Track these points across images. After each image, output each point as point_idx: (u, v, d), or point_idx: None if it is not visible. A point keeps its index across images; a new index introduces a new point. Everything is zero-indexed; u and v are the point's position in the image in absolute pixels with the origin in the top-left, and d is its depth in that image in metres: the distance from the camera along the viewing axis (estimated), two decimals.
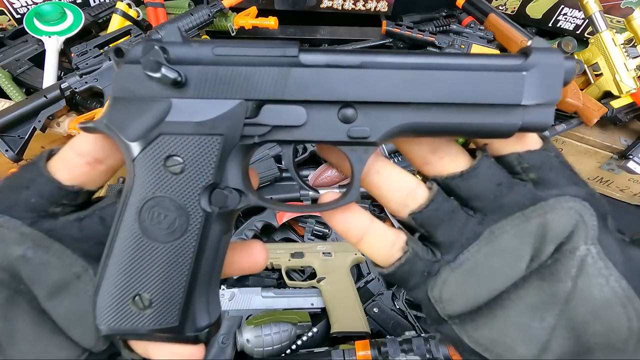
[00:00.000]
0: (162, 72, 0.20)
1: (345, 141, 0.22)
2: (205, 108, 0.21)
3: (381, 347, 0.58)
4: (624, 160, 0.93)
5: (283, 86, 0.21)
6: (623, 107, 0.93)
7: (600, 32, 0.90)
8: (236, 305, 0.68)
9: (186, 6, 0.97)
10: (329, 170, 0.83)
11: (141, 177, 0.21)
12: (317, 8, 1.07)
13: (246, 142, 0.22)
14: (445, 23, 1.04)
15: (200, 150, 0.21)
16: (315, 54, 0.21)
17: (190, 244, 0.22)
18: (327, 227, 0.80)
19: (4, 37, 0.87)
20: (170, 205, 0.22)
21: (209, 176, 0.22)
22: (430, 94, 0.21)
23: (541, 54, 0.21)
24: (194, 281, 0.22)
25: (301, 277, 0.76)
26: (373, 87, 0.21)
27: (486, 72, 0.21)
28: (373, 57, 0.21)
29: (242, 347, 0.63)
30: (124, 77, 0.21)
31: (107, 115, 0.22)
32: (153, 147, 0.21)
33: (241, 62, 0.21)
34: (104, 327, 0.23)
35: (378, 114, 0.21)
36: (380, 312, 0.70)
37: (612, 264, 0.20)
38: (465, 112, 0.21)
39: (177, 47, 0.21)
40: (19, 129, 0.72)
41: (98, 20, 0.92)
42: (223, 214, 0.22)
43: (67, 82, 0.75)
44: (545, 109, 0.21)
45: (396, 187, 0.23)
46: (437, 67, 0.21)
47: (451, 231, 0.22)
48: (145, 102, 0.21)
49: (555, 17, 1.07)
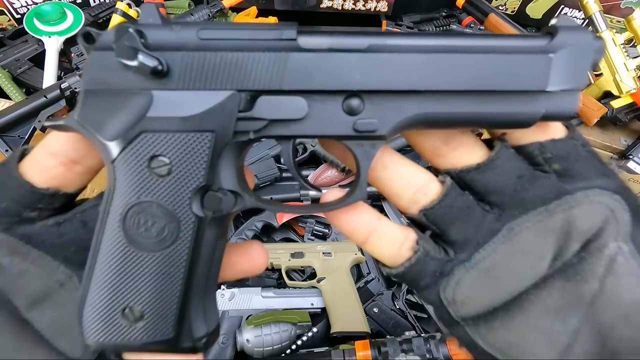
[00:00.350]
0: (139, 60, 0.17)
1: (351, 135, 0.19)
2: (191, 101, 0.18)
3: (381, 347, 0.58)
4: (624, 160, 0.93)
5: (281, 74, 0.18)
6: (623, 107, 0.93)
7: (600, 32, 0.90)
8: (236, 305, 0.68)
9: (186, 6, 0.97)
10: (329, 170, 0.83)
11: (123, 181, 0.19)
12: (317, 8, 1.07)
13: (240, 139, 0.19)
14: (445, 23, 1.04)
15: (189, 150, 0.19)
16: (317, 37, 0.19)
17: (183, 252, 0.20)
18: (327, 227, 0.80)
19: (4, 37, 0.87)
20: (158, 211, 0.19)
21: (200, 178, 0.19)
22: (446, 81, 0.18)
23: (569, 33, 0.19)
24: (188, 290, 0.21)
25: (301, 277, 0.76)
26: (382, 73, 0.18)
27: (509, 55, 0.18)
28: (382, 39, 0.18)
29: (242, 347, 0.63)
30: (96, 66, 0.19)
31: (79, 111, 0.19)
32: (134, 147, 0.19)
33: (232, 46, 0.18)
34: (92, 342, 0.21)
35: (388, 105, 0.19)
36: (380, 312, 0.70)
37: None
38: (485, 100, 0.19)
39: (156, 30, 0.18)
40: (19, 129, 0.72)
41: (98, 20, 0.92)
42: (217, 218, 0.20)
43: (67, 82, 0.75)
44: (571, 95, 0.19)
45: (405, 182, 0.21)
46: (454, 49, 0.18)
47: (466, 228, 0.20)
48: (122, 95, 0.18)
49: (555, 17, 1.07)
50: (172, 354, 0.22)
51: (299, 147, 0.84)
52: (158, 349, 0.21)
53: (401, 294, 0.72)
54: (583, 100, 0.86)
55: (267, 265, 0.24)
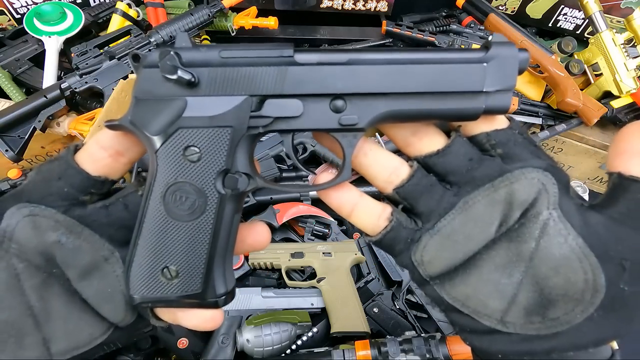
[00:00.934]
0: (178, 75, 0.23)
1: (337, 128, 0.25)
2: (216, 104, 0.24)
3: (381, 347, 0.58)
4: None
5: (282, 83, 0.24)
6: (623, 107, 0.93)
7: (600, 32, 0.90)
8: (236, 305, 0.68)
9: (186, 6, 0.97)
10: (329, 169, 0.84)
11: (164, 166, 0.25)
12: (317, 8, 1.07)
13: (252, 132, 0.25)
14: (445, 23, 1.04)
15: (214, 141, 0.24)
16: (308, 54, 0.24)
17: (209, 222, 0.25)
18: (327, 227, 0.80)
19: (4, 37, 0.87)
20: (190, 189, 0.25)
21: (222, 163, 0.25)
22: (407, 85, 0.24)
23: (499, 47, 0.24)
24: (212, 254, 0.26)
25: (301, 277, 0.76)
26: (359, 80, 0.24)
27: (454, 65, 0.24)
28: (358, 55, 0.24)
29: (242, 347, 0.63)
30: (144, 79, 0.24)
31: (131, 113, 0.25)
32: (173, 140, 0.24)
33: (245, 62, 0.24)
34: (137, 297, 0.26)
35: (364, 104, 0.24)
36: (380, 312, 0.70)
37: (570, 225, 0.22)
38: (438, 99, 0.24)
39: (188, 51, 0.24)
40: (19, 129, 0.72)
41: (98, 20, 0.92)
42: (235, 195, 0.26)
43: (67, 82, 0.75)
44: (504, 94, 0.24)
45: (382, 166, 0.26)
46: (413, 61, 0.24)
47: (430, 202, 0.25)
48: (164, 101, 0.24)
49: (555, 17, 1.07)
50: (199, 308, 0.26)
51: (299, 147, 0.84)
52: (188, 303, 0.26)
53: (401, 294, 0.72)
54: (583, 100, 0.86)
55: (269, 242, 0.29)
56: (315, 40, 1.09)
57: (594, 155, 0.98)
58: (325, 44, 1.07)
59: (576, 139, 0.96)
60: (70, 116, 0.78)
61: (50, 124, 0.76)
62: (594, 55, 0.93)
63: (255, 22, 0.95)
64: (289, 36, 1.07)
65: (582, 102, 0.85)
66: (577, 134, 0.95)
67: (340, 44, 1.05)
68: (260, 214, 0.78)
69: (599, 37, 0.91)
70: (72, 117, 0.77)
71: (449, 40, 0.96)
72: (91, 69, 0.76)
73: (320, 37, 1.08)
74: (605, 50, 0.90)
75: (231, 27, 0.96)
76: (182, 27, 0.85)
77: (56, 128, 0.77)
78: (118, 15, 0.87)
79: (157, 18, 0.93)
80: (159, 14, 0.94)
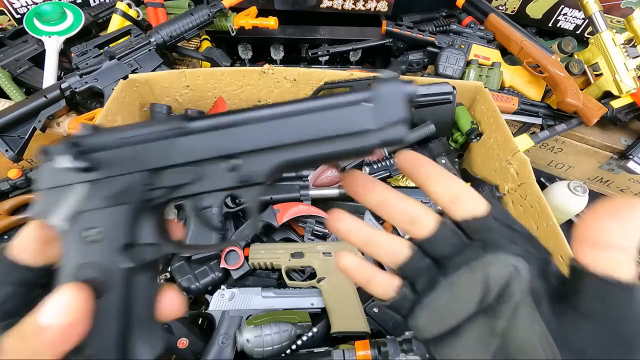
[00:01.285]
0: (74, 164, 0.24)
1: (237, 186, 0.26)
2: (113, 184, 0.25)
3: (381, 347, 0.58)
4: (624, 160, 0.93)
5: (173, 153, 0.25)
6: (623, 107, 0.93)
7: (600, 32, 0.90)
8: (236, 305, 0.68)
9: (186, 6, 0.98)
10: (329, 170, 0.83)
11: (68, 250, 0.25)
12: (317, 8, 1.07)
13: (152, 204, 0.26)
14: (445, 23, 1.04)
15: (113, 219, 0.25)
16: (199, 122, 0.25)
17: (116, 298, 0.25)
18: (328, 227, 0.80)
19: (4, 37, 0.87)
20: (95, 267, 0.25)
21: (124, 238, 0.25)
22: (296, 135, 0.25)
23: (382, 85, 0.25)
24: (126, 327, 0.25)
25: (301, 277, 0.76)
26: (250, 138, 0.25)
27: (340, 109, 0.25)
28: (247, 114, 0.25)
29: (242, 347, 0.63)
30: (47, 172, 0.26)
31: (35, 206, 0.26)
32: (75, 223, 0.25)
33: (140, 140, 0.25)
34: None
35: (259, 159, 0.25)
36: (380, 312, 0.70)
37: (538, 310, 0.25)
38: (330, 143, 0.25)
39: (87, 138, 0.25)
40: (19, 129, 0.72)
41: (98, 20, 0.92)
42: (144, 264, 0.26)
43: (67, 82, 0.75)
44: (398, 126, 0.25)
45: (388, 248, 0.29)
46: (299, 112, 0.25)
47: (425, 282, 0.28)
48: (66, 188, 0.25)
49: (555, 17, 1.07)
50: None
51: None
52: None
53: None
54: (583, 100, 0.86)
55: (183, 312, 0.28)
56: (315, 40, 1.09)
57: (594, 155, 0.98)
58: (325, 44, 1.07)
59: (576, 139, 0.96)
60: (70, 116, 0.78)
61: (50, 124, 0.76)
62: (594, 55, 0.93)
63: (255, 22, 0.95)
64: (289, 36, 1.07)
65: (582, 102, 0.85)
66: (577, 134, 0.95)
67: (340, 44, 1.05)
68: (260, 214, 0.78)
69: (599, 37, 0.91)
70: (72, 117, 0.77)
71: (449, 40, 0.96)
72: (91, 69, 0.76)
73: (320, 37, 1.08)
74: (605, 50, 0.91)
75: (231, 27, 0.96)
76: (182, 27, 0.85)
77: (56, 128, 0.77)
78: (118, 15, 0.87)
79: (157, 18, 0.93)
80: (159, 14, 0.94)
